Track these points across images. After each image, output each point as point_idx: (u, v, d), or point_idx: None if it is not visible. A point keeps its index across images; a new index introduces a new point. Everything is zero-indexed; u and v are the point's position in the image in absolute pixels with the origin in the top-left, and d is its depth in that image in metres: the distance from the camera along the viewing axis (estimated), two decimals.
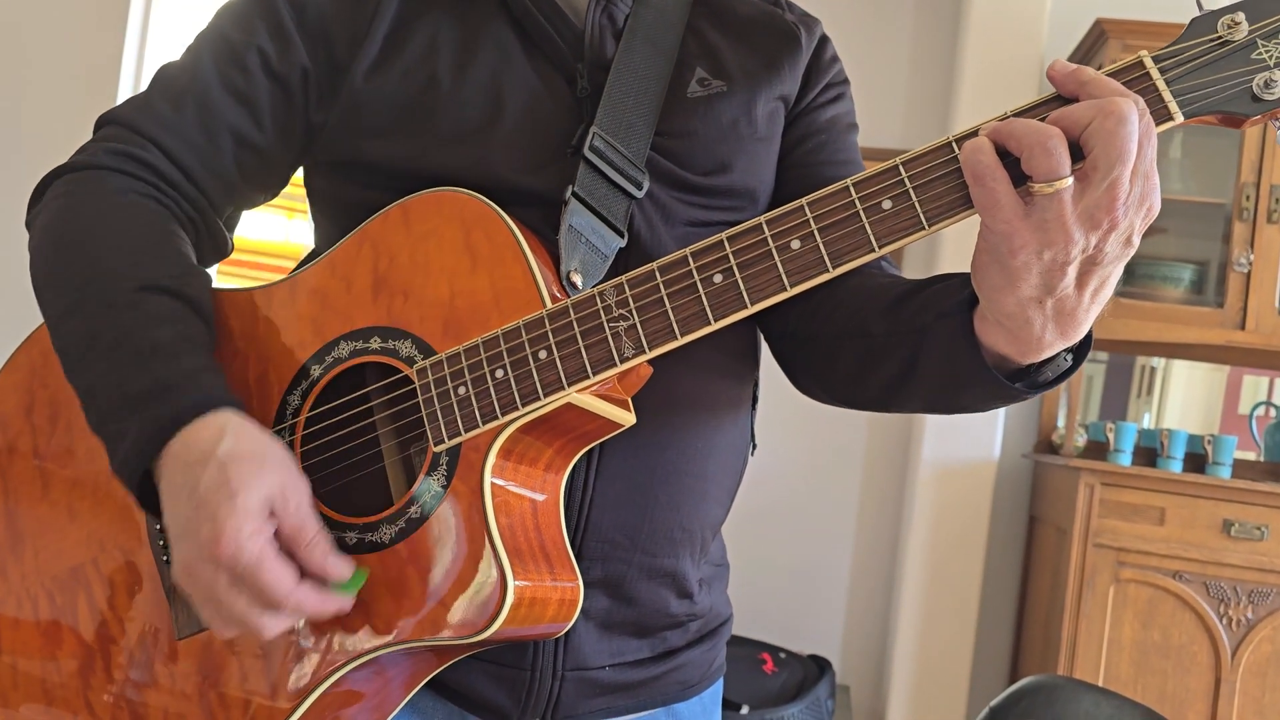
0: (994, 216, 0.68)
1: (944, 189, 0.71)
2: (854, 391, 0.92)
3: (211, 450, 0.74)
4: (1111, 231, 0.66)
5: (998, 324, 0.73)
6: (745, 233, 0.76)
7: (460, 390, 0.79)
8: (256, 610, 0.73)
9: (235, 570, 0.72)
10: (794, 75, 1.00)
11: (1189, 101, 0.69)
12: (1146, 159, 0.66)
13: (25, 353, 0.95)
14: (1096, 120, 0.65)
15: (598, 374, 0.77)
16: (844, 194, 0.73)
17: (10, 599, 0.90)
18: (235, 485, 0.73)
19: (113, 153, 0.89)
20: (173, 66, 0.94)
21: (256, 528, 0.73)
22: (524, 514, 0.80)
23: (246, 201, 0.98)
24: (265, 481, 0.74)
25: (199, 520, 0.73)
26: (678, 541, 0.92)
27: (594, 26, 0.93)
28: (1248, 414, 3.17)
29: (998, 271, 0.70)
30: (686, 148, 0.93)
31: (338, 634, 0.79)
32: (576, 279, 0.84)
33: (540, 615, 0.78)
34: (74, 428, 0.91)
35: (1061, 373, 0.78)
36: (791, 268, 0.74)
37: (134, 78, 3.08)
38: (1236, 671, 2.67)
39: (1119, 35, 2.92)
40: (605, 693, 0.92)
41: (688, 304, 0.76)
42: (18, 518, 0.91)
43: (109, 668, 0.86)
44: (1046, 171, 0.65)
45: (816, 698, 2.96)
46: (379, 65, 0.91)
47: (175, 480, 0.75)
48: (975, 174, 0.68)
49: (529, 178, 0.88)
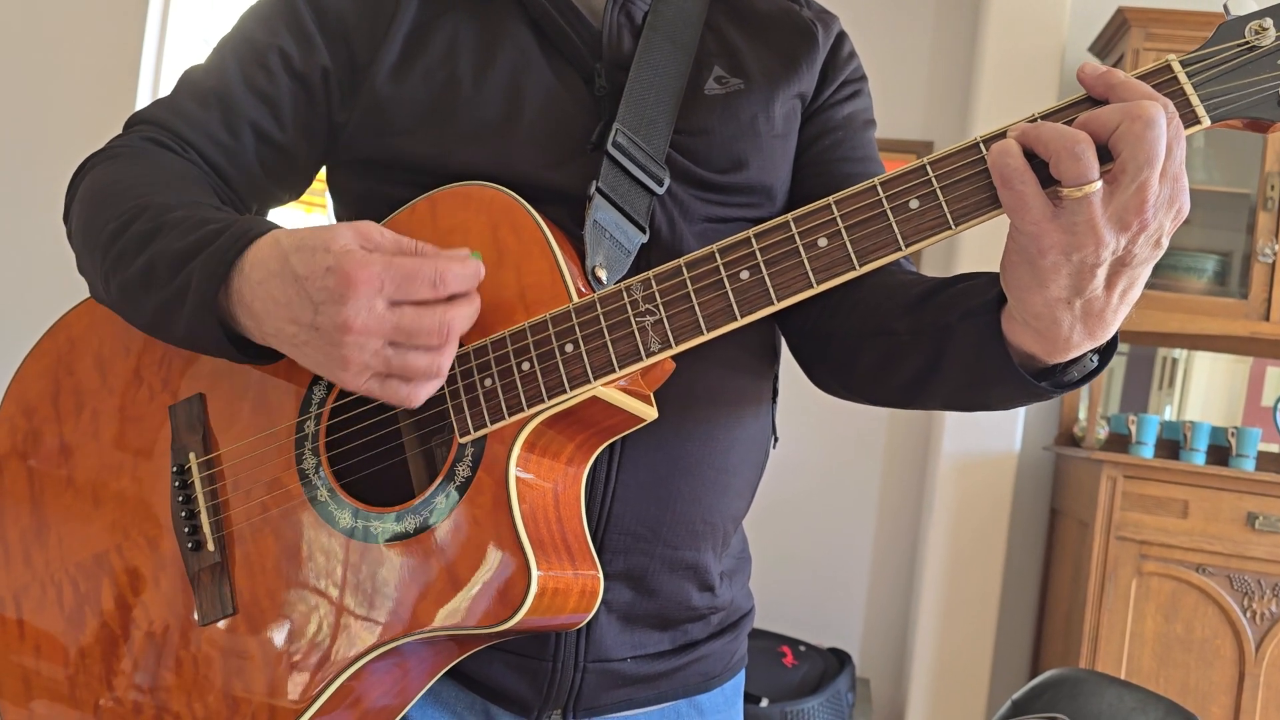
0: (1023, 218, 0.68)
1: (971, 189, 0.72)
2: (874, 388, 0.93)
3: (276, 246, 0.74)
4: (1141, 233, 0.67)
5: (1025, 324, 0.74)
6: (772, 230, 0.76)
7: (486, 382, 0.80)
8: (428, 308, 0.72)
9: (384, 285, 0.70)
10: (811, 72, 1.00)
11: (1216, 106, 0.70)
12: (1175, 161, 0.66)
13: (51, 340, 0.96)
14: (1125, 123, 0.65)
15: (624, 368, 0.78)
16: (871, 193, 0.74)
17: (35, 585, 0.92)
18: (323, 241, 0.71)
19: (147, 139, 0.91)
20: (198, 69, 0.96)
21: (355, 239, 0.72)
22: (546, 506, 0.80)
23: (271, 199, 0.99)
24: (340, 230, 0.73)
25: (320, 287, 0.71)
26: (700, 534, 0.92)
27: (612, 25, 0.94)
28: (1271, 406, 3.15)
29: (1027, 272, 0.70)
30: (704, 145, 0.93)
31: (362, 621, 0.80)
32: (601, 274, 0.85)
33: (562, 606, 0.79)
34: (99, 415, 0.92)
35: (1087, 373, 0.78)
36: (818, 265, 0.75)
37: (153, 79, 3.10)
38: (1260, 665, 2.65)
39: (1141, 24, 2.90)
40: (627, 684, 0.92)
41: (714, 300, 0.77)
42: (43, 505, 0.93)
43: (132, 654, 0.87)
44: (1075, 176, 0.66)
45: (836, 691, 2.96)
46: (399, 66, 0.92)
47: (272, 291, 0.74)
48: (1004, 177, 0.68)
49: (551, 173, 0.89)
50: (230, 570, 0.85)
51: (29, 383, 0.96)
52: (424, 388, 0.75)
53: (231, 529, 0.86)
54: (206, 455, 0.88)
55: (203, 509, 0.87)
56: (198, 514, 0.87)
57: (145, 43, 3.08)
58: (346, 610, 0.80)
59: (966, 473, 3.16)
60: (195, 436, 0.88)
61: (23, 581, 0.92)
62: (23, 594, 0.92)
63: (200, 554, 0.86)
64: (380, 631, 0.79)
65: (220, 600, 0.85)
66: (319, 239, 0.72)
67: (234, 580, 0.85)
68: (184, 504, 0.87)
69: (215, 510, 0.87)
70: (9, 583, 0.93)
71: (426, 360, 0.73)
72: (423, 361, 0.73)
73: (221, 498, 0.87)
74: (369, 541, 0.81)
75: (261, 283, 0.74)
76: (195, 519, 0.86)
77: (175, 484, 0.88)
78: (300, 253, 0.72)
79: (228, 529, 0.86)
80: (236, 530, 0.86)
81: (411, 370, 0.73)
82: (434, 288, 0.71)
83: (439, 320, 0.72)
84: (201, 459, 0.88)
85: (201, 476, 0.87)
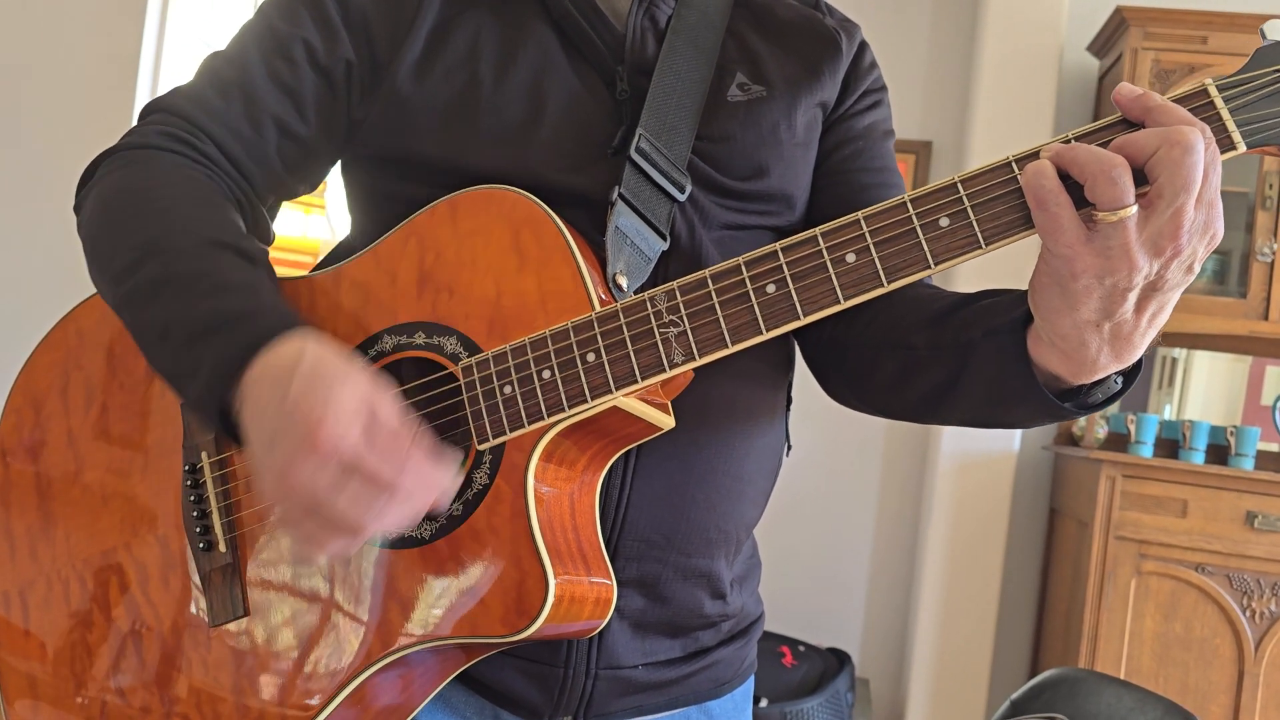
0: (1056, 241, 0.67)
1: (1002, 209, 0.71)
2: (891, 402, 0.92)
3: (295, 364, 0.72)
4: (1174, 259, 0.67)
5: (1052, 345, 0.73)
6: (799, 244, 0.75)
7: (506, 390, 0.79)
8: (363, 505, 0.68)
9: (341, 457, 0.67)
10: (834, 82, 0.99)
11: (1252, 132, 0.69)
12: (1211, 187, 0.66)
13: (61, 331, 0.95)
14: (1163, 149, 0.65)
15: (646, 379, 0.77)
16: (901, 209, 0.73)
17: (41, 581, 0.91)
18: (329, 381, 0.70)
19: (164, 135, 0.90)
20: (219, 57, 0.94)
21: (353, 418, 0.68)
22: (563, 514, 0.80)
23: (288, 191, 0.98)
24: (353, 385, 0.70)
25: (292, 421, 0.69)
26: (714, 542, 0.92)
27: (635, 29, 0.93)
28: (1271, 405, 3.15)
29: (1057, 295, 0.70)
30: (725, 152, 0.93)
31: (375, 627, 0.79)
32: (622, 281, 0.84)
33: (578, 614, 0.79)
34: (109, 410, 0.91)
35: (1111, 395, 0.78)
36: (846, 281, 0.74)
37: (151, 78, 3.10)
38: (1260, 664, 2.65)
39: (1140, 23, 2.90)
40: (638, 691, 0.92)
41: (740, 313, 0.76)
42: (50, 499, 0.92)
43: (140, 653, 0.86)
44: (1111, 200, 0.65)
45: (836, 691, 2.96)
46: (421, 64, 0.91)
47: (261, 396, 0.73)
48: (1038, 199, 0.68)
49: (572, 177, 0.88)
50: (242, 572, 0.85)
51: (38, 375, 0.94)
52: (314, 556, 0.74)
53: (244, 530, 0.85)
54: (219, 455, 0.87)
55: (215, 509, 0.86)
56: (209, 514, 0.86)
57: (144, 43, 3.08)
58: (359, 616, 0.80)
59: (966, 473, 3.15)
60: (208, 436, 0.87)
61: (29, 576, 0.91)
62: (28, 589, 0.91)
63: (212, 554, 0.85)
64: (393, 638, 0.78)
65: (231, 602, 0.84)
66: (331, 379, 0.70)
67: (245, 582, 0.84)
68: (196, 504, 0.86)
69: (227, 511, 0.86)
70: (15, 578, 0.92)
71: (334, 545, 0.71)
72: (328, 542, 0.71)
73: (234, 498, 0.86)
74: (384, 547, 0.80)
75: (259, 399, 0.73)
76: (207, 519, 0.86)
77: (187, 483, 0.87)
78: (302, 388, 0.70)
79: (240, 530, 0.85)
80: (249, 531, 0.85)
81: (315, 542, 0.71)
82: (387, 486, 0.69)
83: (357, 518, 0.69)
84: (214, 458, 0.87)
85: (214, 476, 0.87)
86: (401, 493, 0.69)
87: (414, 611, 0.78)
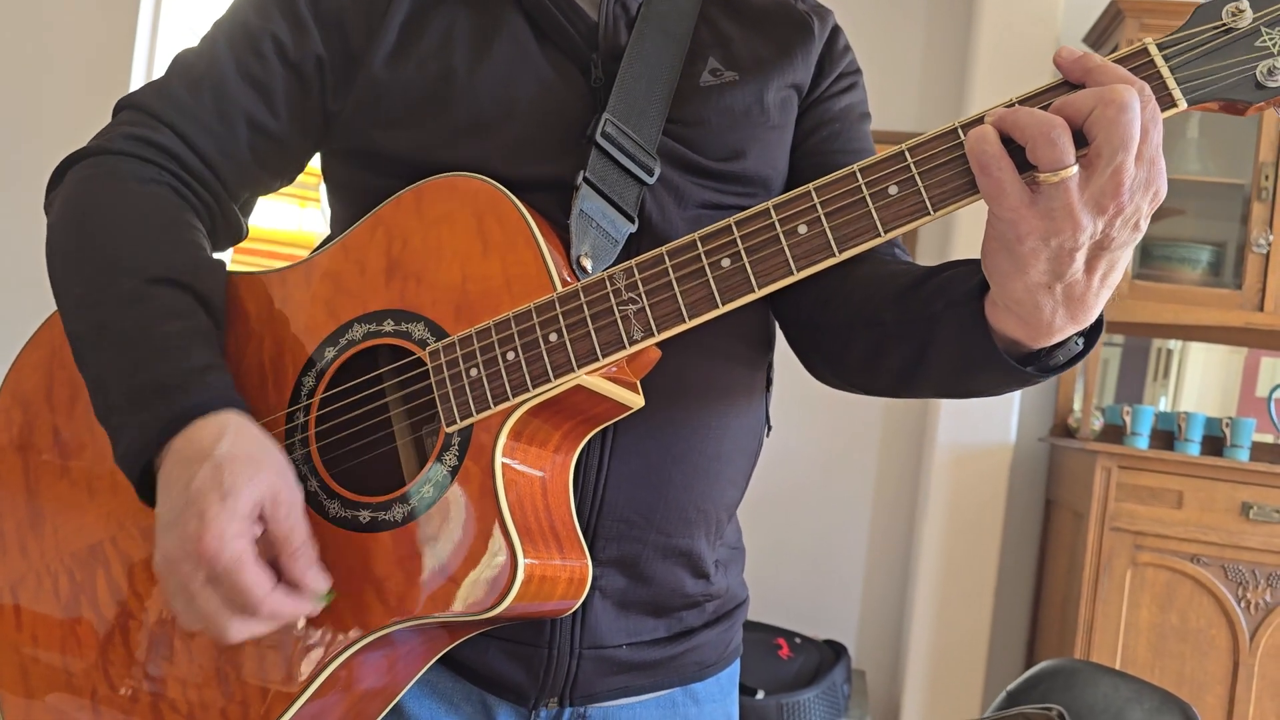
0: (1000, 205, 0.68)
1: (949, 174, 0.72)
2: (867, 378, 0.93)
3: (210, 449, 0.75)
4: (1118, 216, 0.67)
5: (1008, 310, 0.74)
6: (753, 218, 0.77)
7: (472, 372, 0.80)
8: (227, 613, 0.74)
9: (215, 568, 0.73)
10: (806, 65, 1.00)
11: (1193, 89, 0.70)
12: (1151, 144, 0.66)
13: (47, 331, 0.96)
14: (1098, 109, 0.65)
15: (607, 356, 0.78)
16: (850, 179, 0.74)
17: (31, 575, 0.92)
18: (228, 486, 0.74)
19: (130, 138, 0.90)
20: (190, 53, 0.95)
21: (240, 529, 0.74)
22: (534, 494, 0.81)
23: (262, 187, 0.98)
24: (258, 484, 0.75)
25: (187, 515, 0.74)
26: (693, 521, 0.92)
27: (608, 17, 0.94)
28: (1266, 396, 3.15)
29: (1006, 258, 0.70)
30: (700, 136, 0.93)
31: (351, 611, 0.80)
32: (587, 263, 0.85)
33: (550, 593, 0.80)
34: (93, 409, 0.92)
35: (1073, 356, 0.78)
36: (799, 252, 0.75)
37: (146, 64, 3.09)
38: (1255, 655, 2.65)
39: (1136, 14, 2.89)
40: (623, 671, 0.92)
41: (696, 288, 0.77)
42: (38, 496, 0.93)
43: (128, 645, 0.87)
44: (1051, 161, 0.66)
45: (832, 682, 2.96)
46: (395, 55, 0.91)
47: (171, 474, 0.76)
48: (981, 163, 0.68)
49: (545, 165, 0.89)
50: None
51: (25, 374, 0.95)
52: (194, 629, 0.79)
53: None
54: None
55: None
56: None
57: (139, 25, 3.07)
58: (337, 600, 0.80)
59: (962, 464, 3.16)
60: None
61: (19, 572, 0.92)
62: (19, 584, 0.92)
63: None
64: (371, 619, 0.79)
65: None
66: (232, 480, 0.74)
67: None
68: None
69: None
70: (6, 573, 0.93)
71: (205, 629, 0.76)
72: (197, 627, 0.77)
73: None
74: (358, 530, 0.81)
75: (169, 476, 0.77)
76: None
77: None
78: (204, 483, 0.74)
79: None
80: None
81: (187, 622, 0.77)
82: (244, 610, 0.74)
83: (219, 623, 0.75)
84: None
85: None
86: (261, 615, 0.74)
87: (389, 592, 0.79)
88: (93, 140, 0.92)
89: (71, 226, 0.87)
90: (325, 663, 0.80)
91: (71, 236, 0.87)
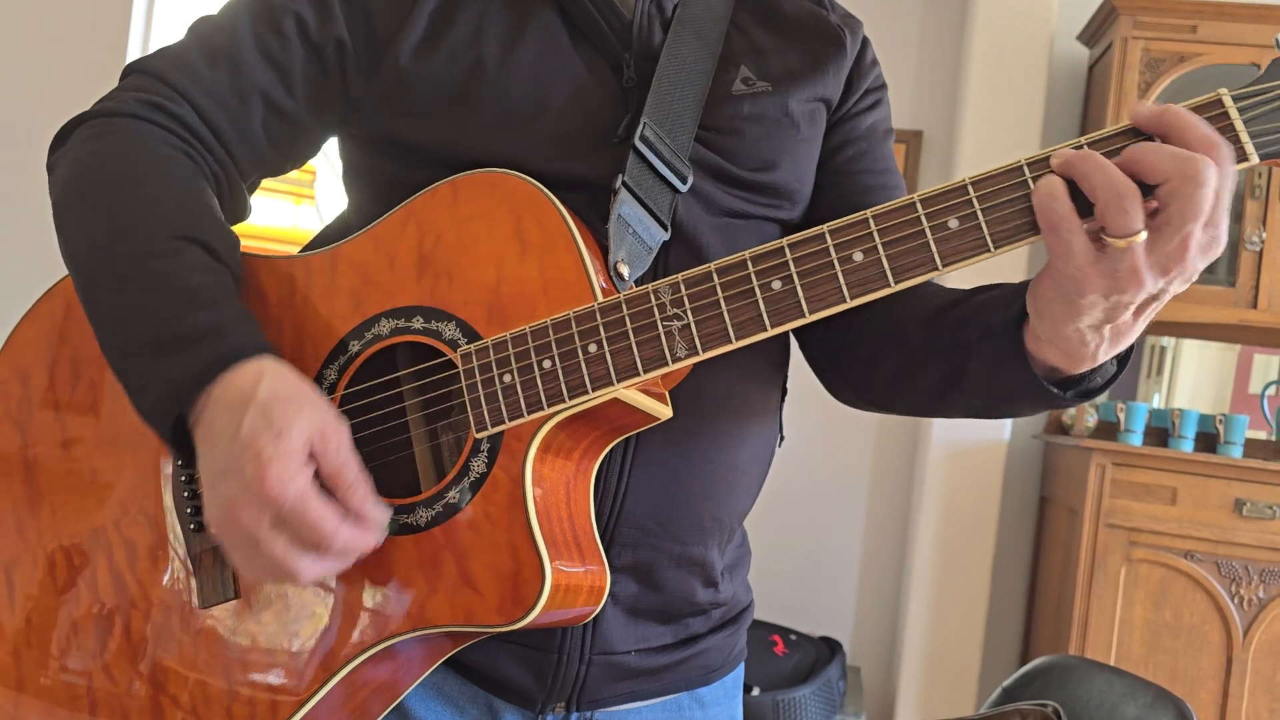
0: (1066, 263, 0.68)
1: (1011, 212, 0.71)
2: (890, 397, 0.93)
3: (252, 392, 0.73)
4: (1179, 276, 0.68)
5: (1052, 344, 0.74)
6: (806, 241, 0.75)
7: (505, 378, 0.79)
8: (297, 553, 0.72)
9: (281, 508, 0.71)
10: (837, 79, 0.99)
11: (1266, 144, 0.69)
12: (1221, 207, 0.67)
13: (47, 304, 0.93)
14: (1176, 181, 0.65)
15: (649, 372, 0.76)
16: (910, 209, 0.73)
17: (26, 556, 0.90)
18: (279, 425, 0.72)
19: (143, 102, 0.88)
20: (209, 22, 0.92)
21: (300, 466, 0.72)
22: (559, 503, 0.80)
23: (271, 167, 0.96)
24: (307, 422, 0.73)
25: (244, 460, 0.71)
26: (708, 530, 0.92)
27: (643, 16, 0.92)
28: (1259, 393, 3.16)
29: (1062, 307, 0.71)
30: (734, 145, 0.92)
31: (368, 614, 0.79)
32: (623, 269, 0.83)
33: (572, 602, 0.79)
34: (97, 386, 0.89)
35: (1109, 379, 0.79)
36: (852, 280, 0.74)
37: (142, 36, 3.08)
38: (1248, 650, 2.66)
39: (1130, 12, 2.90)
40: (630, 677, 0.92)
41: (744, 308, 0.75)
42: (36, 475, 0.90)
43: (128, 633, 0.85)
44: (1121, 229, 0.66)
45: (828, 679, 2.97)
46: (424, 44, 0.89)
47: (215, 424, 0.74)
48: (1050, 222, 0.68)
49: (575, 164, 0.87)
50: None
51: (24, 347, 0.93)
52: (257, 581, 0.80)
53: None
54: None
55: None
56: (200, 494, 0.84)
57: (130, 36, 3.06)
58: (352, 602, 0.79)
59: (956, 461, 3.16)
60: None
61: (14, 552, 0.90)
62: (13, 565, 0.90)
63: (202, 535, 0.84)
64: (387, 626, 0.78)
65: (222, 584, 0.83)
66: (282, 420, 0.73)
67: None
68: (187, 484, 0.85)
69: None
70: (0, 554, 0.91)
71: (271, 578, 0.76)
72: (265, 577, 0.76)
73: None
74: None
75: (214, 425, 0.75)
76: (198, 499, 0.84)
77: (178, 462, 0.86)
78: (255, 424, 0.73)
79: None
80: None
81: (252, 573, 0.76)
82: (317, 545, 0.73)
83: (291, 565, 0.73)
84: None
85: None
86: (334, 549, 0.73)
87: (408, 599, 0.78)
88: (101, 102, 0.89)
89: (85, 182, 0.84)
90: (339, 666, 0.78)
91: (85, 192, 0.84)
